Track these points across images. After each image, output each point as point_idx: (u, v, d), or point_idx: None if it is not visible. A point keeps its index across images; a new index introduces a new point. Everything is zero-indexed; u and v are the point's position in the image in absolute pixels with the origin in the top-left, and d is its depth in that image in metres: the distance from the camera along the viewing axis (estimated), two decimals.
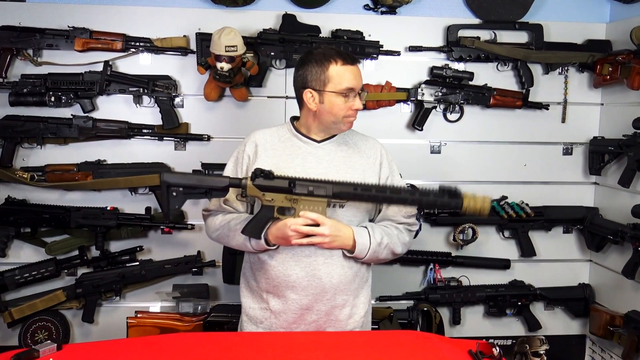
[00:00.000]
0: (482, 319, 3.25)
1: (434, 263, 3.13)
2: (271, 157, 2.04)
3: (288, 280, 2.00)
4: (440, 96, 3.04)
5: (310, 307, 2.01)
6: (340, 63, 1.97)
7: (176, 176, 1.98)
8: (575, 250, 3.29)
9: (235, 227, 2.01)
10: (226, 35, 2.69)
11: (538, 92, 3.15)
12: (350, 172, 2.04)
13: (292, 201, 1.92)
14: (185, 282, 3.03)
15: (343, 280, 2.02)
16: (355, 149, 2.10)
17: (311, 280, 1.99)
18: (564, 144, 3.21)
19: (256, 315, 2.08)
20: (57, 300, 2.88)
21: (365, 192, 1.93)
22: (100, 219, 2.87)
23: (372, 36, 3.01)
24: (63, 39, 2.84)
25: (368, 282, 2.14)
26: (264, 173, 1.91)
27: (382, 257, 2.06)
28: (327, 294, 2.01)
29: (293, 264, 1.99)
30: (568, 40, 3.13)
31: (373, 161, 2.10)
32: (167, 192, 1.92)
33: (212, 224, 2.11)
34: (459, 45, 3.03)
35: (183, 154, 2.99)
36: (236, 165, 2.10)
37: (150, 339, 1.91)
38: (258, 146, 2.06)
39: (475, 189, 3.05)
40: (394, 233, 2.07)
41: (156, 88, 2.88)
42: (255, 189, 1.91)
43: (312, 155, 2.05)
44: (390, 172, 2.12)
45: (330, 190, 1.92)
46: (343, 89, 1.97)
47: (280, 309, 2.03)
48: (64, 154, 2.92)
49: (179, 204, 1.93)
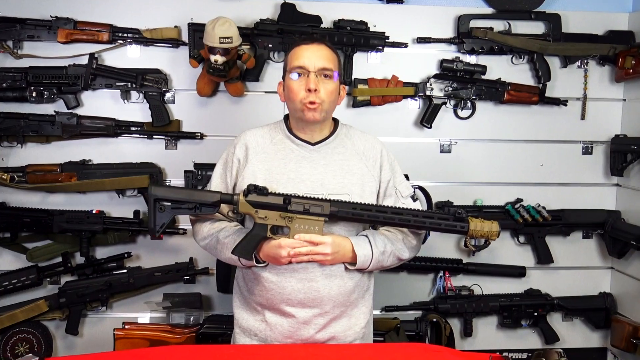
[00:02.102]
0: (495, 330, 3.25)
1: (443, 270, 3.13)
2: (262, 161, 2.04)
3: (283, 292, 1.99)
4: (450, 91, 3.04)
5: (308, 321, 2.01)
6: (298, 44, 2.01)
7: (164, 190, 1.99)
8: (596, 257, 3.29)
9: (224, 241, 2.02)
10: (221, 25, 2.68)
11: (555, 87, 3.15)
12: (347, 177, 2.03)
13: (287, 219, 1.93)
14: (176, 291, 3.03)
15: (343, 292, 2.02)
16: (353, 151, 2.08)
17: (308, 293, 1.98)
18: (584, 143, 3.21)
19: (250, 327, 2.08)
20: (39, 311, 2.87)
21: (364, 211, 1.94)
22: (85, 223, 2.87)
23: (378, 27, 3.01)
24: (45, 30, 2.83)
25: (369, 290, 2.13)
26: (257, 189, 1.91)
27: (387, 265, 2.06)
28: (325, 307, 2.00)
29: (289, 275, 1.99)
30: (588, 31, 3.13)
31: (373, 163, 2.09)
32: (155, 206, 1.93)
33: (199, 230, 2.11)
34: (470, 36, 3.03)
35: (174, 153, 2.99)
36: (225, 168, 2.10)
37: (138, 352, 1.91)
38: (249, 149, 2.06)
39: (488, 190, 3.16)
40: (398, 238, 2.07)
41: (145, 82, 2.88)
42: (247, 206, 1.92)
43: (306, 160, 2.04)
44: (392, 174, 2.11)
45: (328, 209, 1.92)
46: (293, 67, 1.98)
47: (276, 322, 2.03)
48: (46, 153, 2.92)
49: (167, 219, 1.95)
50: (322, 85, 1.97)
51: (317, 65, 1.97)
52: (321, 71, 1.98)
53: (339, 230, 2.02)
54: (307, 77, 1.97)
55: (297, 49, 2.01)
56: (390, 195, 2.10)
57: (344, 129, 2.13)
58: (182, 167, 2.96)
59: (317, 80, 1.96)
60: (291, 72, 1.99)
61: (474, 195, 3.15)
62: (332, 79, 2.00)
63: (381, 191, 2.09)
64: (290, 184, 2.00)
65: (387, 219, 1.96)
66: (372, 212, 1.94)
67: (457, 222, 1.98)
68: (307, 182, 2.01)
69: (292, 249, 1.90)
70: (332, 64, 2.00)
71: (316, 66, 1.97)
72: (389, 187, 2.10)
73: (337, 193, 1.99)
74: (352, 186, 2.03)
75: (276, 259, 1.92)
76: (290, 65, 2.01)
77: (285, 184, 2.00)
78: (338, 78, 2.02)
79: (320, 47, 2.00)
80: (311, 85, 1.95)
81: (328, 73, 1.99)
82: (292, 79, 1.99)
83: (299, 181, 2.00)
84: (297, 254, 1.90)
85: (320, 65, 1.98)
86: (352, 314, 2.06)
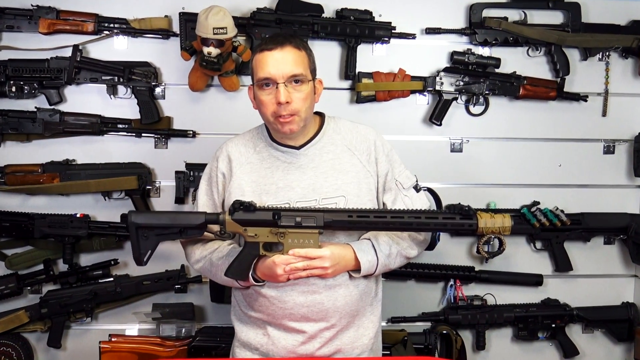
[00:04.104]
0: (510, 343, 3.24)
1: (454, 279, 3.12)
2: (248, 172, 2.03)
3: (285, 307, 1.97)
4: (461, 86, 3.03)
5: (314, 336, 1.99)
6: (261, 49, 1.94)
7: (145, 216, 2.05)
8: (618, 264, 3.27)
9: (217, 263, 2.01)
10: (214, 15, 2.67)
11: (575, 81, 3.14)
12: (340, 178, 2.01)
13: (279, 235, 1.91)
14: (167, 300, 3.02)
15: (349, 302, 2.00)
16: (344, 146, 2.05)
17: (312, 307, 1.96)
18: (605, 141, 3.20)
19: (250, 341, 2.06)
20: (19, 322, 2.87)
21: (361, 218, 1.92)
22: (69, 227, 2.86)
23: (383, 17, 3.00)
24: (25, 20, 2.82)
25: (377, 297, 2.12)
26: (243, 205, 1.91)
27: (395, 267, 2.06)
28: (331, 319, 1.99)
29: (289, 289, 1.96)
30: (610, 21, 3.11)
31: (367, 157, 2.05)
32: (137, 234, 1.95)
33: (192, 253, 2.11)
34: (483, 26, 3.02)
35: (164, 153, 2.99)
36: (210, 184, 2.10)
37: None
38: (232, 161, 2.05)
39: (503, 192, 3.13)
40: (404, 235, 2.05)
41: (133, 76, 2.87)
42: (235, 224, 1.92)
43: (293, 166, 2.01)
44: (390, 166, 2.07)
45: (322, 220, 1.91)
46: (259, 78, 1.93)
47: (279, 336, 2.01)
48: (26, 152, 2.92)
49: (152, 247, 1.97)
50: (294, 94, 1.91)
51: (285, 74, 1.90)
52: (290, 78, 1.91)
53: (338, 236, 2.00)
54: (276, 88, 1.91)
55: (260, 55, 1.93)
56: (390, 189, 2.07)
57: (332, 123, 2.08)
58: (172, 168, 2.96)
59: (288, 90, 1.90)
60: (258, 84, 1.94)
61: (487, 198, 3.14)
62: (303, 83, 1.93)
63: (380, 186, 2.06)
64: (281, 193, 1.98)
65: (387, 224, 1.94)
66: (370, 218, 1.92)
67: (465, 220, 1.95)
68: (298, 190, 1.98)
69: (287, 266, 1.87)
70: (301, 67, 1.92)
71: (284, 75, 1.90)
72: (388, 180, 2.06)
73: (331, 196, 1.97)
74: (347, 186, 2.00)
75: (273, 277, 1.91)
76: (256, 75, 1.94)
77: (275, 193, 1.98)
78: (311, 75, 1.97)
79: (285, 50, 1.91)
80: (282, 98, 1.88)
81: (299, 78, 1.92)
82: (261, 91, 1.94)
83: (289, 189, 1.98)
84: (293, 270, 1.88)
85: (288, 73, 1.90)
86: (360, 324, 2.05)
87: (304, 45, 1.99)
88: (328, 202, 1.96)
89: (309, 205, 1.95)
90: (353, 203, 1.97)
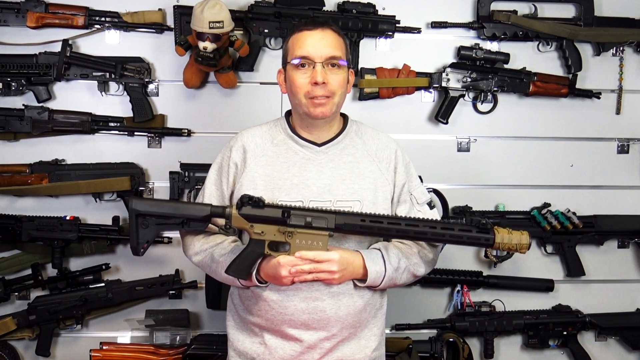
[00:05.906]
0: (519, 351, 3.24)
1: (461, 284, 3.12)
2: (262, 165, 2.03)
3: (285, 313, 1.97)
4: (469, 82, 3.03)
5: (313, 345, 1.99)
6: (300, 29, 1.98)
7: (147, 203, 2.00)
8: (633, 269, 3.28)
9: (219, 259, 2.00)
10: (210, 8, 2.67)
11: (587, 77, 3.15)
12: (358, 182, 2.02)
13: (287, 234, 1.91)
14: (160, 307, 3.02)
15: (352, 312, 1.99)
16: (365, 151, 2.07)
17: (313, 314, 1.96)
18: (619, 140, 3.21)
19: (246, 351, 2.06)
20: (6, 330, 2.87)
21: (375, 224, 1.92)
22: (58, 230, 2.86)
23: (387, 10, 3.01)
24: (13, 13, 2.83)
25: (382, 309, 2.12)
26: (252, 200, 1.90)
27: (400, 283, 2.05)
28: (332, 329, 1.98)
29: (292, 294, 1.96)
30: (624, 14, 3.12)
31: (386, 166, 2.07)
32: (137, 222, 1.93)
33: (191, 244, 2.10)
34: (491, 20, 3.03)
35: (158, 152, 2.99)
36: (220, 174, 2.09)
37: None
38: (247, 152, 2.05)
39: (512, 194, 3.14)
40: (414, 251, 2.06)
41: (125, 72, 2.88)
42: (242, 220, 1.91)
43: (312, 163, 2.02)
44: (407, 177, 2.10)
45: (333, 222, 1.91)
46: (296, 56, 1.96)
47: (277, 345, 2.01)
48: (14, 152, 2.92)
49: (151, 237, 1.96)
50: (331, 76, 1.95)
51: (323, 55, 1.95)
52: (328, 60, 1.95)
53: (349, 241, 2.00)
54: (312, 69, 1.94)
55: (299, 35, 1.98)
56: (405, 202, 2.09)
57: (354, 126, 2.12)
58: (167, 168, 2.96)
59: (325, 71, 1.94)
60: (293, 62, 1.96)
61: (496, 200, 3.15)
62: (340, 67, 1.97)
63: (395, 196, 2.08)
64: (294, 190, 1.98)
65: (400, 231, 1.94)
66: (383, 224, 1.92)
67: (482, 234, 1.95)
68: (313, 188, 1.99)
69: (292, 267, 1.87)
70: (340, 51, 1.98)
71: (323, 55, 1.95)
72: (404, 192, 2.08)
73: (347, 200, 1.98)
74: (364, 192, 2.01)
75: (277, 278, 1.90)
76: (291, 54, 1.98)
77: (288, 190, 1.99)
78: (347, 64, 2.01)
79: (326, 32, 1.97)
80: (318, 78, 1.93)
81: (336, 62, 1.96)
82: (295, 71, 1.96)
83: (304, 187, 1.98)
84: (299, 272, 1.87)
85: (328, 54, 1.95)
86: (362, 336, 2.04)
87: (343, 34, 2.04)
88: (343, 205, 1.96)
89: (323, 205, 1.95)
90: (368, 209, 1.97)
